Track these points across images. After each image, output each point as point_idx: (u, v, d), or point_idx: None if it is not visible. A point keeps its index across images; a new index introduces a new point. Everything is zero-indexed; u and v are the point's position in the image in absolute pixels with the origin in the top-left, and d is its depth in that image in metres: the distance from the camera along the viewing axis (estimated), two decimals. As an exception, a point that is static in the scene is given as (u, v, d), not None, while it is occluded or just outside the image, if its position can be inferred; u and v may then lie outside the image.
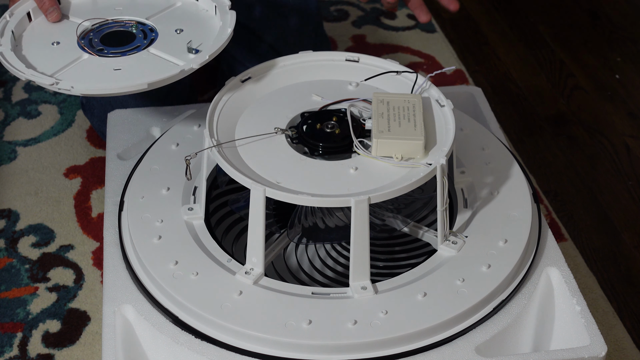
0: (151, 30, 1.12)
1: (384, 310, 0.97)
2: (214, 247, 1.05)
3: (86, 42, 1.10)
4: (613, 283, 1.36)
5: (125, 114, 1.28)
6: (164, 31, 1.12)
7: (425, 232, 1.09)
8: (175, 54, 1.08)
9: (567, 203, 1.50)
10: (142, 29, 1.12)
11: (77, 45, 1.10)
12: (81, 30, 1.12)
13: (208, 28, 1.13)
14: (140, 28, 1.13)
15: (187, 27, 1.13)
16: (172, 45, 1.10)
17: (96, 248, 1.36)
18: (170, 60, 1.07)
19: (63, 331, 1.24)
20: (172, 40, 1.11)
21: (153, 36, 1.11)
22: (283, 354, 0.95)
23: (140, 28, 1.13)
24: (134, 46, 1.10)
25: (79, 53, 1.09)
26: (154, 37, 1.11)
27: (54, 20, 1.13)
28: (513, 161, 1.16)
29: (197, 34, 1.12)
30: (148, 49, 1.10)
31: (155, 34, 1.12)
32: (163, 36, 1.12)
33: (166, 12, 1.16)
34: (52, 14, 1.13)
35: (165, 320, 1.00)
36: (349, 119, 1.07)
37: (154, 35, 1.11)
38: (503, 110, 1.71)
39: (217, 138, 1.05)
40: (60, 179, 1.48)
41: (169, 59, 1.08)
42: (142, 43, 1.10)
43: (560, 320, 1.04)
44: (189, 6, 1.17)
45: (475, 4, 2.02)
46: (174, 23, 1.14)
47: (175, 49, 1.09)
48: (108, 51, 1.09)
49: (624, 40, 1.90)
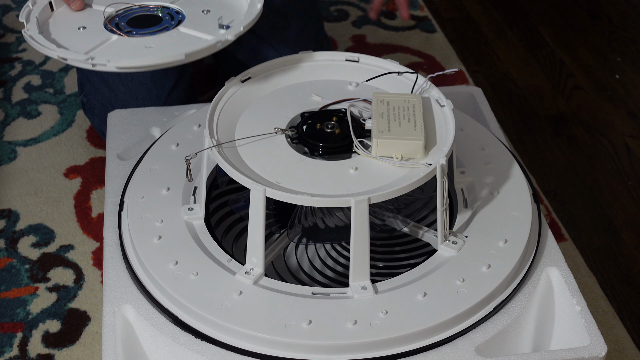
0: (177, 13, 1.12)
1: (384, 310, 0.97)
2: (214, 247, 1.05)
3: (113, 25, 1.09)
4: (613, 283, 1.36)
5: (125, 114, 1.28)
6: (190, 13, 1.12)
7: (425, 232, 1.09)
8: (206, 31, 1.07)
9: (567, 203, 1.50)
10: (168, 12, 1.12)
11: (105, 28, 1.09)
12: (106, 16, 1.11)
13: (234, 7, 1.13)
14: (166, 12, 1.12)
15: (213, 8, 1.13)
16: (201, 24, 1.09)
17: (96, 248, 1.36)
18: (201, 37, 1.06)
19: (63, 331, 1.24)
20: (200, 19, 1.10)
21: (180, 17, 1.11)
22: (283, 354, 0.95)
23: (166, 11, 1.12)
24: (163, 27, 1.10)
25: (108, 35, 1.08)
26: (181, 18, 1.11)
27: (78, 8, 1.12)
28: (513, 161, 1.16)
29: (226, 13, 1.11)
30: (177, 28, 1.09)
31: (182, 16, 1.11)
32: (190, 17, 1.11)
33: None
34: (76, 2, 1.12)
35: (165, 320, 1.00)
36: (349, 119, 1.07)
37: (181, 17, 1.11)
38: (503, 110, 1.71)
39: (217, 138, 1.05)
40: (60, 179, 1.48)
41: (199, 35, 1.07)
42: (170, 24, 1.10)
43: (560, 320, 1.04)
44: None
45: (475, 4, 2.02)
46: (200, 5, 1.13)
47: (205, 27, 1.08)
48: (137, 32, 1.08)
49: (624, 40, 1.90)
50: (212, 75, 1.71)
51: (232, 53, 1.51)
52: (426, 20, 1.90)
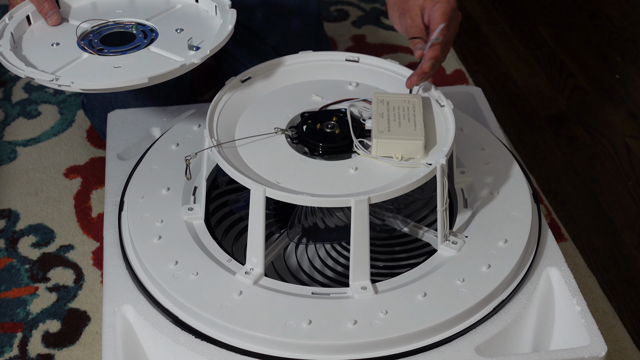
0: (151, 31, 1.12)
1: (384, 310, 0.97)
2: (214, 247, 1.05)
3: (86, 43, 1.10)
4: (613, 283, 1.36)
5: (125, 114, 1.28)
6: (164, 31, 1.13)
7: (425, 232, 1.09)
8: (176, 52, 1.08)
9: (567, 203, 1.50)
10: (142, 30, 1.13)
11: (77, 46, 1.10)
12: (81, 32, 1.12)
13: (208, 27, 1.13)
14: (141, 29, 1.13)
15: (187, 27, 1.13)
16: (173, 44, 1.10)
17: (96, 248, 1.36)
18: (171, 57, 1.07)
19: (63, 331, 1.24)
20: (172, 39, 1.11)
21: (153, 36, 1.11)
22: (283, 354, 0.95)
23: (140, 29, 1.13)
24: (134, 45, 1.10)
25: (79, 52, 1.09)
26: (154, 36, 1.11)
27: (54, 23, 1.13)
28: (513, 161, 1.16)
29: (198, 33, 1.12)
30: (148, 47, 1.10)
31: (156, 34, 1.12)
32: (163, 36, 1.12)
33: (166, 14, 1.16)
34: (52, 17, 1.13)
35: (165, 320, 1.00)
36: (349, 119, 1.07)
37: (154, 35, 1.12)
38: (503, 110, 1.71)
39: (217, 138, 1.05)
40: (60, 179, 1.48)
41: (169, 56, 1.08)
42: (143, 42, 1.11)
43: (560, 320, 1.04)
44: (189, 8, 1.17)
45: (475, 4, 2.02)
46: (174, 23, 1.14)
47: (176, 47, 1.09)
48: (108, 50, 1.09)
49: (624, 40, 1.90)
50: (212, 75, 1.71)
51: (232, 53, 1.51)
52: (426, 20, 1.90)
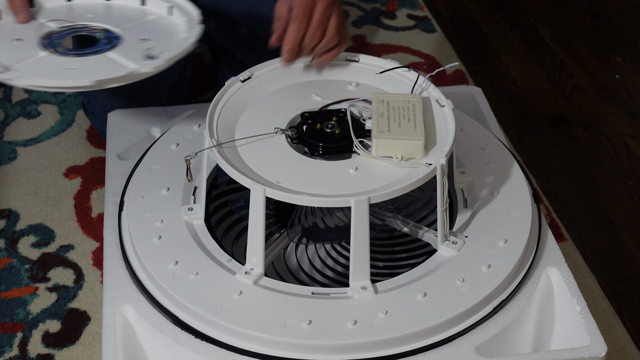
0: (116, 38, 1.12)
1: (384, 310, 0.97)
2: (214, 247, 1.05)
3: (48, 42, 1.10)
4: (613, 283, 1.36)
5: (125, 114, 1.28)
6: (128, 39, 1.12)
7: (425, 232, 1.09)
8: (132, 59, 1.08)
9: (567, 203, 1.50)
10: (107, 36, 1.12)
11: (39, 44, 1.10)
12: (46, 31, 1.12)
13: (174, 39, 1.13)
14: (106, 35, 1.13)
15: (153, 37, 1.13)
16: (132, 52, 1.09)
17: (96, 248, 1.36)
18: (125, 65, 1.07)
19: (63, 331, 1.24)
20: (134, 47, 1.11)
21: (116, 42, 1.11)
22: (283, 354, 0.95)
23: (106, 35, 1.13)
24: (95, 50, 1.10)
25: (37, 51, 1.09)
26: (116, 43, 1.11)
27: (22, 21, 1.14)
28: (513, 161, 1.16)
29: (161, 44, 1.11)
30: (107, 53, 1.09)
31: (119, 41, 1.12)
32: (126, 43, 1.11)
33: (137, 23, 1.16)
34: (21, 14, 1.14)
35: (165, 320, 1.00)
36: (349, 119, 1.07)
37: (117, 42, 1.11)
38: (503, 110, 1.71)
39: (217, 138, 1.05)
40: (60, 179, 1.48)
41: (123, 63, 1.07)
42: (104, 47, 1.10)
43: (560, 320, 1.04)
44: (161, 20, 1.17)
45: (475, 4, 2.02)
46: (141, 33, 1.13)
47: (134, 55, 1.09)
48: (69, 52, 1.09)
49: (624, 40, 1.90)
50: (212, 75, 1.71)
51: (232, 53, 1.51)
52: (426, 20, 1.90)
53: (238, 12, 1.44)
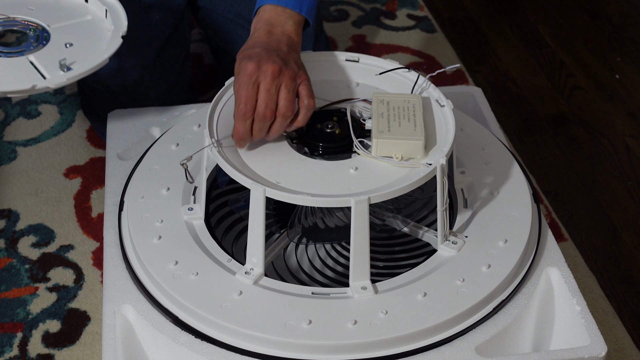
0: (45, 39, 1.11)
1: (384, 310, 0.97)
2: (214, 247, 1.05)
3: None
4: (613, 283, 1.36)
5: (125, 114, 1.28)
6: (56, 41, 1.11)
7: (425, 232, 1.09)
8: (48, 67, 1.06)
9: (567, 203, 1.50)
10: (38, 34, 1.11)
11: None
12: None
13: (97, 49, 1.10)
14: (38, 33, 1.11)
15: (79, 42, 1.11)
16: (52, 57, 1.08)
17: (96, 248, 1.36)
18: (40, 72, 1.05)
19: (63, 331, 1.24)
20: (57, 52, 1.09)
21: (43, 43, 1.10)
22: (283, 354, 0.95)
23: (37, 32, 1.11)
24: (19, 50, 1.09)
25: None
26: (44, 44, 1.10)
27: None
28: (513, 161, 1.16)
29: (83, 52, 1.09)
30: (29, 55, 1.08)
31: (46, 42, 1.10)
32: (52, 46, 1.10)
33: (72, 23, 1.14)
34: None
35: (165, 320, 1.00)
36: (349, 119, 1.07)
37: (44, 43, 1.10)
38: (503, 110, 1.71)
39: (217, 138, 1.05)
40: (60, 179, 1.48)
41: (39, 69, 1.06)
42: (29, 48, 1.09)
43: (560, 320, 1.04)
44: (98, 22, 1.15)
45: (475, 4, 2.02)
46: (71, 36, 1.12)
47: (52, 62, 1.07)
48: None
49: (624, 40, 1.90)
50: (212, 75, 1.71)
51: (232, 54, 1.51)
52: (426, 20, 1.90)
53: (237, 12, 1.44)
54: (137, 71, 1.39)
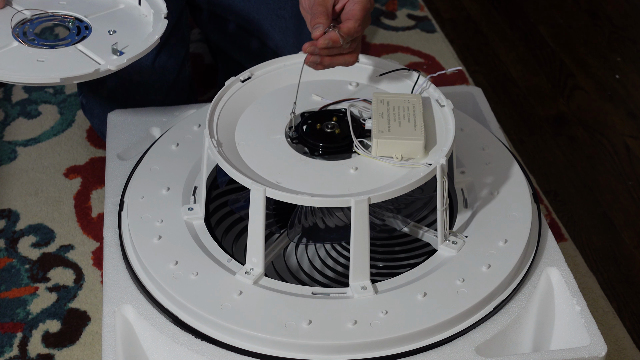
0: (86, 28, 1.13)
1: (384, 310, 0.97)
2: (214, 247, 1.05)
3: (21, 31, 1.10)
4: (613, 283, 1.36)
5: (125, 114, 1.28)
6: (98, 30, 1.13)
7: (425, 232, 1.09)
8: (100, 54, 1.08)
9: (567, 203, 1.50)
10: (77, 25, 1.13)
11: (11, 33, 1.10)
12: (20, 19, 1.13)
13: (141, 33, 1.13)
14: (77, 24, 1.13)
15: (121, 29, 1.13)
16: (101, 45, 1.10)
17: (96, 248, 1.36)
18: (93, 59, 1.08)
19: (63, 331, 1.24)
20: (102, 39, 1.11)
21: (86, 33, 1.12)
22: (283, 354, 0.95)
23: (76, 24, 1.13)
24: (65, 41, 1.11)
25: (10, 40, 1.10)
26: (86, 34, 1.12)
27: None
28: (513, 161, 1.16)
29: (128, 38, 1.12)
30: (77, 45, 1.10)
31: (89, 32, 1.12)
32: (96, 35, 1.12)
33: (107, 13, 1.16)
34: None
35: (165, 320, 1.00)
36: (349, 119, 1.07)
37: (87, 33, 1.12)
38: (503, 110, 1.71)
39: (217, 138, 1.05)
40: (60, 179, 1.48)
41: (92, 56, 1.08)
42: (74, 39, 1.11)
43: (560, 320, 1.04)
44: (131, 10, 1.17)
45: (475, 4, 2.02)
46: (111, 24, 1.14)
47: (102, 49, 1.09)
48: (38, 42, 1.10)
49: (624, 40, 1.90)
50: (212, 75, 1.71)
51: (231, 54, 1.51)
52: (426, 20, 1.90)
53: (237, 13, 1.44)
54: (137, 71, 1.39)
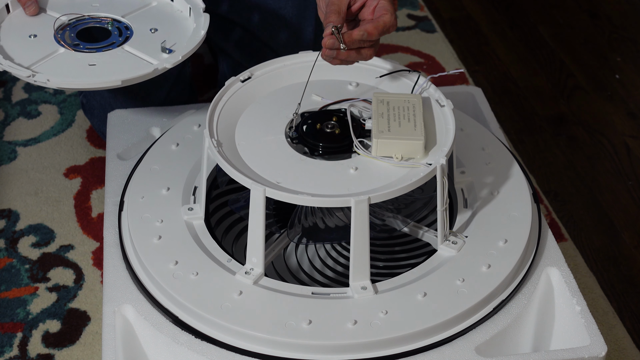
0: (126, 28, 1.14)
1: (384, 310, 0.97)
2: (214, 247, 1.05)
3: (62, 36, 1.11)
4: (613, 283, 1.36)
5: (125, 114, 1.28)
6: (139, 29, 1.14)
7: (425, 232, 1.09)
8: (149, 53, 1.10)
9: (567, 203, 1.50)
10: (117, 26, 1.14)
11: (54, 39, 1.10)
12: (58, 25, 1.13)
13: (182, 29, 1.15)
14: (116, 25, 1.14)
15: (161, 26, 1.15)
16: (147, 44, 1.11)
17: (96, 248, 1.36)
18: (144, 59, 1.09)
19: (63, 331, 1.24)
20: (146, 39, 1.13)
21: (128, 34, 1.13)
22: (283, 354, 0.95)
23: (116, 25, 1.14)
24: (109, 43, 1.12)
25: (56, 47, 1.10)
26: (129, 34, 1.13)
27: (32, 13, 1.14)
28: (513, 161, 1.16)
29: (171, 34, 1.13)
30: (123, 46, 1.11)
31: (131, 32, 1.13)
32: (138, 34, 1.13)
33: (142, 11, 1.18)
34: (30, 7, 1.14)
35: (165, 320, 1.00)
36: (349, 119, 1.07)
37: (129, 33, 1.13)
38: (503, 110, 1.71)
39: (217, 138, 1.05)
40: (60, 179, 1.48)
41: (143, 57, 1.09)
42: (117, 40, 1.12)
43: (560, 320, 1.04)
44: (164, 6, 1.19)
45: (475, 4, 2.02)
46: (149, 22, 1.15)
47: (150, 48, 1.11)
48: (84, 46, 1.10)
49: (624, 40, 1.90)
50: (212, 75, 1.71)
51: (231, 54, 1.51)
52: (426, 20, 1.90)
53: (237, 13, 1.44)
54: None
